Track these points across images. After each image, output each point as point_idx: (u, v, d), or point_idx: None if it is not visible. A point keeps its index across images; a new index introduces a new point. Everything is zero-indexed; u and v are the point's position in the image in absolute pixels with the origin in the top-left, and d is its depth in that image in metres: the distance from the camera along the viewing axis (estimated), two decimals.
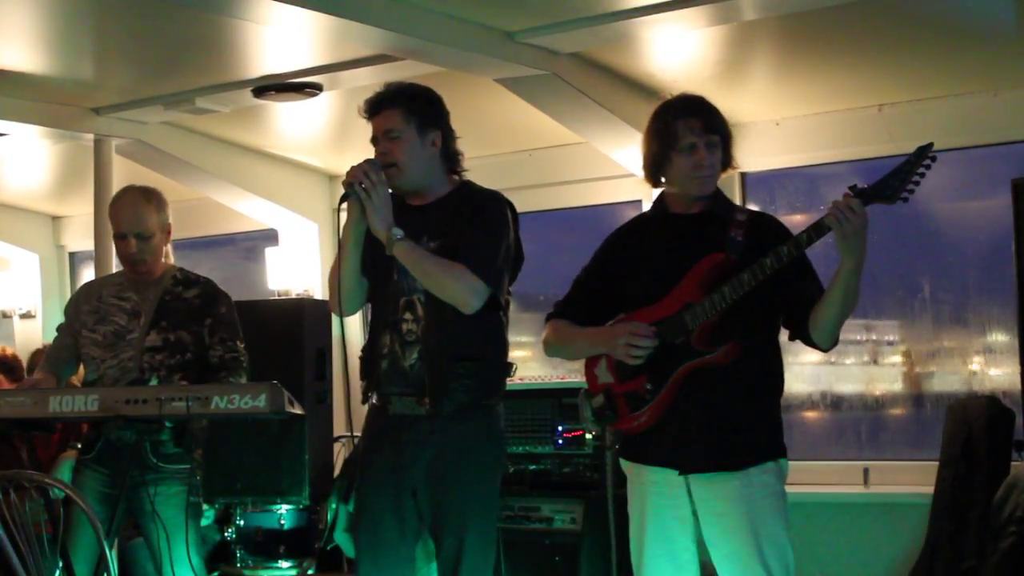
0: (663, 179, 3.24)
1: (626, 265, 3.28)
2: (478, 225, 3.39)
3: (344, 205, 3.36)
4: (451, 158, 3.50)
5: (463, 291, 3.30)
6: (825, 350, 3.16)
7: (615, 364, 3.21)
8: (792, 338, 3.18)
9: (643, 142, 3.26)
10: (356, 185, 3.31)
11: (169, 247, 4.21)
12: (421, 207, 3.46)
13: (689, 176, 3.17)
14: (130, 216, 4.06)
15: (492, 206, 3.44)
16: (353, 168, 3.35)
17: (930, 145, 2.93)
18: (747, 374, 3.11)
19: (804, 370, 5.55)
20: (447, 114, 3.49)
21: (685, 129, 3.15)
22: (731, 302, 3.05)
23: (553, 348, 3.41)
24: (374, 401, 3.47)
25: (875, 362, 5.53)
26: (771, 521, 3.10)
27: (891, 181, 2.93)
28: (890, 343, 5.45)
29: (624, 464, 3.30)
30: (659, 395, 3.13)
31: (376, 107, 3.44)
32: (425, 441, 3.37)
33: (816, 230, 2.95)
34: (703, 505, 3.13)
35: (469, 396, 3.36)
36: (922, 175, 2.91)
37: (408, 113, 3.41)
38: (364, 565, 3.44)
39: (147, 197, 4.11)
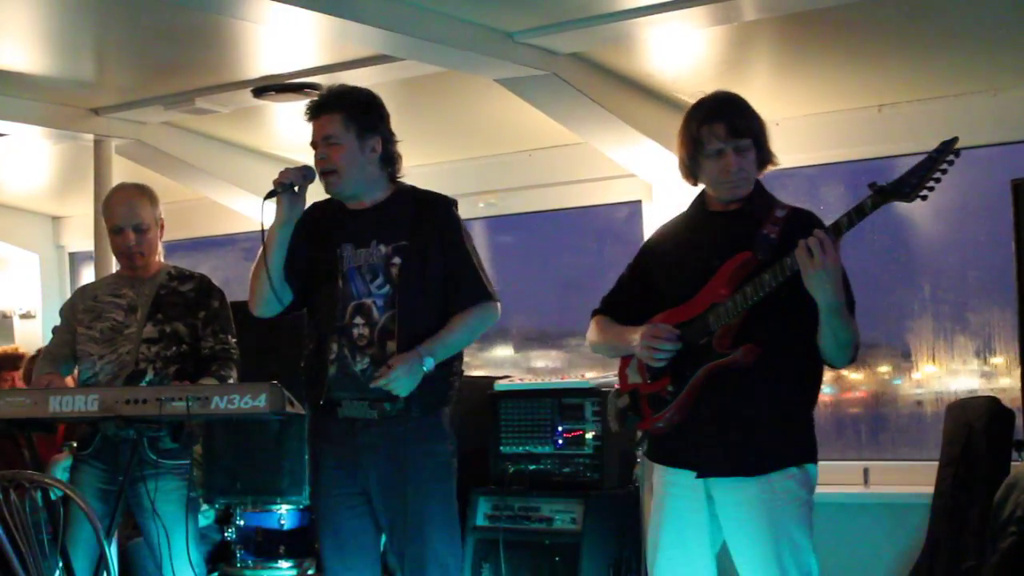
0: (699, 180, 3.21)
1: (662, 263, 3.25)
2: (450, 249, 3.45)
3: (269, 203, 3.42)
4: (390, 162, 3.52)
5: (488, 324, 3.51)
6: (839, 368, 3.11)
7: (643, 365, 3.18)
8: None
9: (677, 144, 3.23)
10: (285, 185, 3.38)
11: (161, 247, 4.26)
12: (361, 211, 3.48)
13: (718, 181, 3.13)
14: (126, 210, 4.13)
15: (447, 214, 3.51)
16: (286, 170, 3.43)
17: (954, 140, 2.83)
18: (771, 377, 3.03)
19: None
20: (387, 118, 3.52)
21: (710, 135, 3.09)
22: (753, 303, 2.96)
23: (594, 345, 3.39)
24: (321, 403, 3.46)
25: (875, 362, 5.52)
26: (792, 528, 3.03)
27: (910, 179, 2.83)
28: (891, 343, 5.45)
29: (648, 464, 3.29)
30: (679, 397, 3.09)
31: (316, 111, 3.45)
32: (378, 444, 3.38)
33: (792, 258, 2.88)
34: (723, 510, 3.09)
35: (431, 399, 3.39)
36: (944, 172, 2.81)
37: (348, 119, 3.41)
38: (333, 566, 3.47)
39: (141, 191, 4.22)
